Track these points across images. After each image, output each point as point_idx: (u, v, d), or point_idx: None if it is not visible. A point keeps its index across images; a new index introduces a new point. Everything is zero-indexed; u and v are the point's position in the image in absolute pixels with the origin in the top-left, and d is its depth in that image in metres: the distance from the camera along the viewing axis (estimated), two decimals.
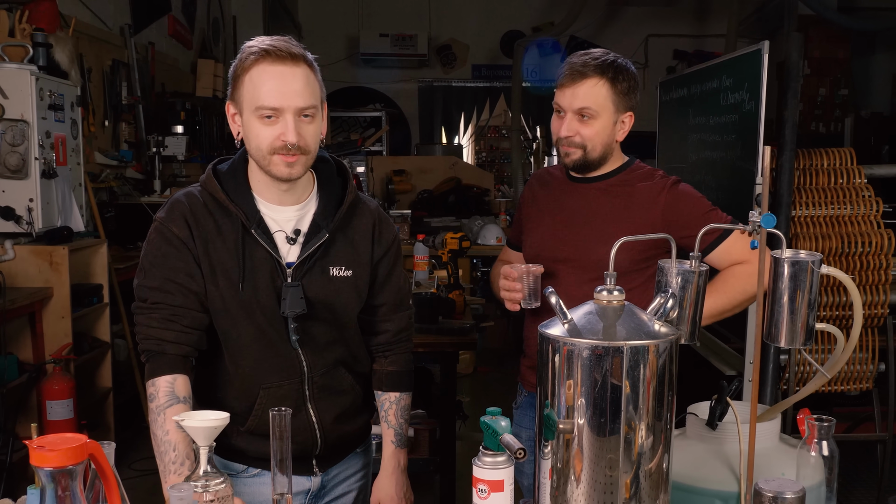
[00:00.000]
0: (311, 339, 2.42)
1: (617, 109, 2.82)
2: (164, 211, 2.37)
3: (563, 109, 2.83)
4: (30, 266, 5.31)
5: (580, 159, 2.85)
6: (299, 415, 2.40)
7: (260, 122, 2.24)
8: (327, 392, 2.48)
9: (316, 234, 2.38)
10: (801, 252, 1.79)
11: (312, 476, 2.54)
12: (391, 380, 2.64)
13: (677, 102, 5.50)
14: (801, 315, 1.78)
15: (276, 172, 2.28)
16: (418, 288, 5.04)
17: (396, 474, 2.63)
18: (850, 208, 4.36)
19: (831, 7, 10.74)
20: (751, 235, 1.82)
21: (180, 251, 2.31)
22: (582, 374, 1.74)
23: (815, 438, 2.07)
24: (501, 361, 8.46)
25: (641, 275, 2.85)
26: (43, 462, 1.47)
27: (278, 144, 2.23)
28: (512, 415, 3.23)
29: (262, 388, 2.40)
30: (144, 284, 2.33)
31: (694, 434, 2.45)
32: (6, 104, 5.09)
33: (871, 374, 4.47)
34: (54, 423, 5.09)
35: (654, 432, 1.78)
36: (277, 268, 2.35)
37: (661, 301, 1.84)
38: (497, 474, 1.86)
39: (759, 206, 1.90)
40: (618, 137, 2.89)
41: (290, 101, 2.23)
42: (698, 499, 2.22)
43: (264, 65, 2.23)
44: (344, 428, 2.57)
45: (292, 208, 2.40)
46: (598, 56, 2.81)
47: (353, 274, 2.45)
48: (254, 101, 2.23)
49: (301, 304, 2.33)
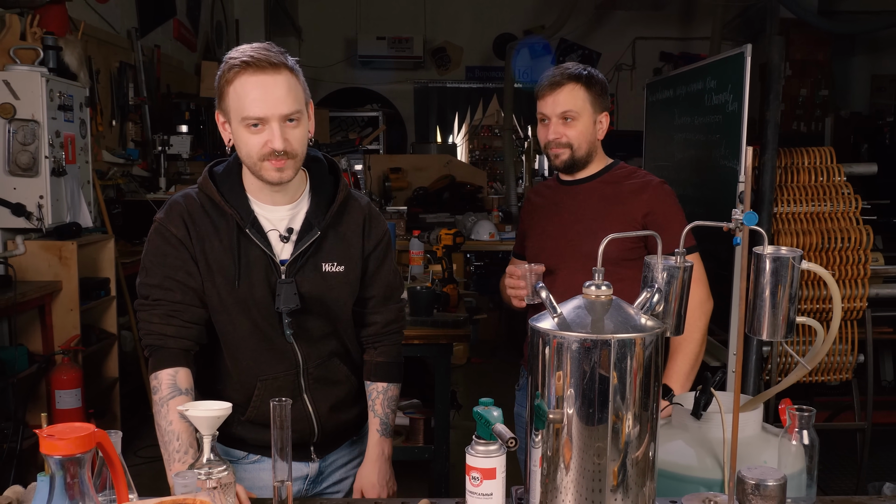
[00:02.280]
0: (306, 333, 2.43)
1: (594, 110, 2.98)
2: (162, 212, 2.40)
3: (547, 117, 3.01)
4: (40, 260, 5.33)
5: (569, 158, 3.00)
6: (296, 405, 2.40)
7: (247, 131, 2.25)
8: (322, 383, 2.49)
9: (308, 231, 2.39)
10: (783, 248, 1.79)
11: (310, 462, 2.56)
12: (379, 370, 2.63)
13: (663, 103, 5.50)
14: (782, 309, 1.78)
15: (267, 178, 2.29)
16: (414, 282, 5.04)
17: (380, 462, 2.61)
18: (830, 205, 4.37)
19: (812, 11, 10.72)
20: (733, 233, 1.82)
21: (178, 250, 2.34)
22: (571, 366, 1.75)
23: (796, 428, 2.08)
24: (494, 353, 8.47)
25: (634, 264, 2.90)
26: (52, 450, 1.47)
27: (266, 151, 2.24)
28: (507, 399, 3.29)
29: (259, 380, 2.42)
30: (145, 282, 2.36)
31: (679, 423, 2.46)
32: (17, 105, 5.09)
33: (850, 364, 4.48)
34: (63, 412, 5.10)
35: (640, 422, 1.78)
36: (272, 265, 2.36)
37: (647, 296, 1.85)
38: (489, 462, 1.86)
39: (742, 204, 1.89)
40: (598, 136, 3.03)
41: (274, 109, 2.22)
42: (683, 486, 2.22)
43: (246, 76, 2.23)
44: (340, 417, 2.57)
45: (285, 208, 2.41)
46: (570, 67, 2.99)
47: (345, 269, 2.46)
48: (239, 112, 2.24)
49: (295, 299, 2.34)
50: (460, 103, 13.85)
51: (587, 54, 13.47)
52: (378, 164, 9.77)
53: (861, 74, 12.77)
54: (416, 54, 13.22)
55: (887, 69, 12.50)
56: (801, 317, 1.95)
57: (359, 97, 13.61)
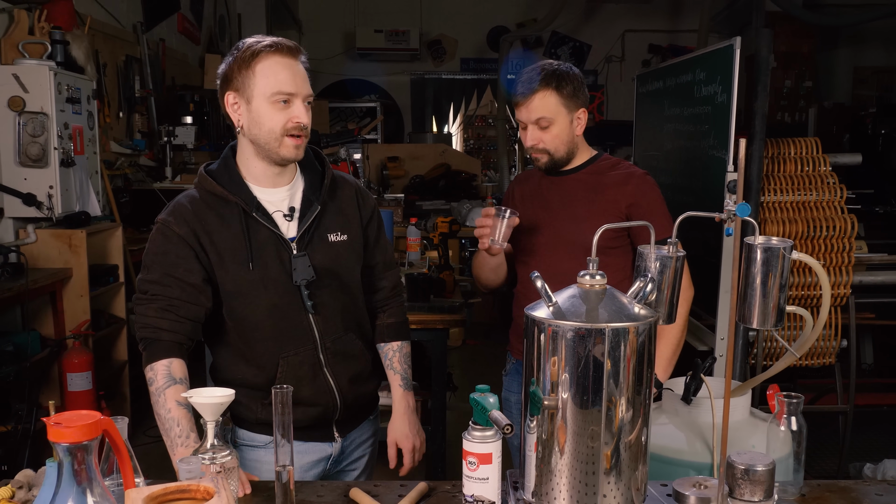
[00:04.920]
0: (322, 306, 2.47)
1: (569, 111, 2.95)
2: (165, 213, 2.43)
3: (523, 123, 2.99)
4: (50, 248, 5.34)
5: (549, 161, 3.01)
6: (317, 379, 2.47)
7: (274, 106, 2.33)
8: (340, 357, 2.52)
9: (309, 208, 2.47)
10: (773, 238, 1.77)
11: (333, 442, 2.58)
12: (392, 330, 2.74)
13: (653, 94, 5.48)
14: (772, 298, 1.77)
15: (285, 153, 2.37)
16: (411, 268, 5.03)
17: (408, 414, 2.70)
18: (816, 194, 4.36)
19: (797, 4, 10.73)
20: (726, 223, 1.80)
21: (179, 248, 2.35)
22: (566, 354, 1.74)
23: (785, 414, 2.07)
24: (488, 335, 8.48)
25: (617, 252, 2.98)
26: (60, 438, 1.46)
27: (290, 126, 2.34)
28: (501, 381, 3.34)
29: (281, 357, 2.44)
30: (145, 279, 2.38)
31: (670, 408, 2.45)
32: (27, 98, 5.09)
33: (833, 349, 4.48)
34: (74, 394, 5.12)
35: (633, 407, 1.77)
36: (282, 243, 2.41)
37: (640, 285, 1.83)
38: (486, 448, 1.86)
39: (733, 194, 1.87)
40: (577, 132, 3.01)
41: (301, 88, 2.36)
42: (674, 469, 2.22)
43: (277, 57, 2.33)
44: (360, 390, 2.61)
45: (283, 189, 2.47)
46: (541, 70, 2.93)
47: (348, 237, 2.54)
48: (269, 89, 2.33)
49: (309, 271, 2.41)
50: (455, 94, 13.84)
51: (578, 46, 13.47)
52: (376, 153, 9.76)
53: (844, 66, 12.77)
54: (412, 47, 13.22)
55: (870, 61, 12.50)
56: (790, 306, 1.94)
57: (357, 88, 13.61)
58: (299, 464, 2.49)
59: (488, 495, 1.87)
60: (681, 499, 1.92)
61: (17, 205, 5.17)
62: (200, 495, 1.61)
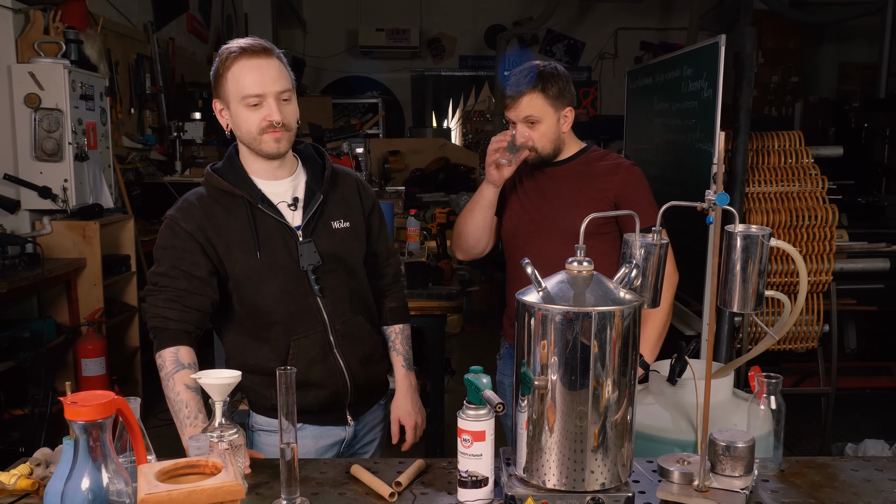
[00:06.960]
0: (330, 290, 2.49)
1: (556, 110, 2.98)
2: (173, 209, 2.45)
3: (513, 122, 3.01)
4: (65, 239, 5.36)
5: (536, 158, 3.03)
6: (328, 360, 2.49)
7: (247, 109, 2.34)
8: (349, 339, 2.54)
9: (312, 197, 2.49)
10: (753, 226, 1.79)
11: (347, 426, 2.60)
12: (394, 313, 2.79)
13: (643, 90, 5.49)
14: (752, 283, 1.79)
15: (267, 149, 2.38)
16: (411, 257, 5.04)
17: (410, 392, 2.73)
18: (799, 185, 4.37)
19: (783, 2, 10.74)
20: (707, 212, 1.83)
21: (186, 242, 2.38)
22: (555, 336, 1.76)
23: (765, 393, 2.09)
24: (485, 322, 8.47)
25: (604, 238, 3.00)
26: (76, 416, 1.49)
27: (265, 125, 2.34)
28: (496, 365, 3.37)
29: (292, 339, 2.45)
30: (155, 271, 2.41)
31: (656, 389, 2.47)
32: (42, 95, 5.11)
33: (816, 334, 4.50)
34: (88, 379, 5.15)
35: (619, 387, 1.79)
36: (288, 231, 2.43)
37: (626, 271, 1.85)
38: (479, 426, 1.87)
39: (715, 185, 1.90)
40: (564, 129, 3.04)
41: (270, 86, 2.33)
42: (659, 447, 2.24)
43: (243, 60, 2.33)
44: (370, 371, 2.62)
45: (286, 181, 2.49)
46: (528, 72, 2.97)
47: (350, 224, 2.56)
48: (239, 92, 2.33)
49: (315, 257, 2.44)
50: (454, 90, 13.82)
51: (572, 44, 13.47)
52: (378, 147, 9.75)
53: (829, 62, 12.80)
54: (412, 44, 13.25)
55: (854, 57, 12.51)
56: (770, 291, 1.97)
57: (360, 85, 13.63)
58: (314, 448, 2.52)
59: (482, 471, 1.89)
60: (665, 474, 1.95)
61: (34, 197, 5.19)
62: (209, 470, 1.64)
